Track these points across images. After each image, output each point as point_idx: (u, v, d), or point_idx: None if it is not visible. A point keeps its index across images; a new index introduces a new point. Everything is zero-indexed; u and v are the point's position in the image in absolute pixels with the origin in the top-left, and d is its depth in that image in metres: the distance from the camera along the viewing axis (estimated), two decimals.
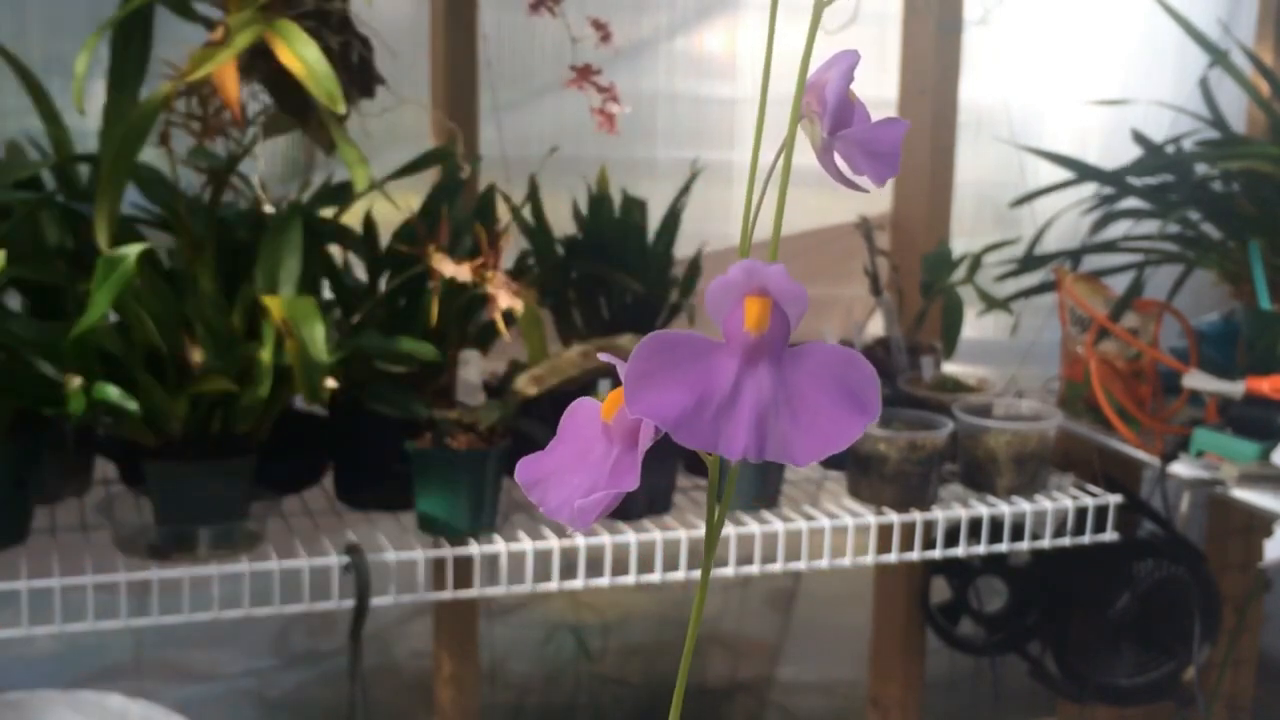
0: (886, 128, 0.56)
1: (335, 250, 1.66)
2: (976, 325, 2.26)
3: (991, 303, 2.02)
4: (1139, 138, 2.10)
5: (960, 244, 2.20)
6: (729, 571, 1.66)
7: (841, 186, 0.57)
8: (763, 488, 1.72)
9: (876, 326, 2.09)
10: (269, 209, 1.60)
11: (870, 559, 1.77)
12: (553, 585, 1.57)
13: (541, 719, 2.32)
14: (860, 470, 1.76)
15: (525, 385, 1.62)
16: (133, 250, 1.36)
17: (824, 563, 1.68)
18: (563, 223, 1.89)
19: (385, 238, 1.66)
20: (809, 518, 1.69)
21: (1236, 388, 1.77)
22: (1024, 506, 1.76)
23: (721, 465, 0.59)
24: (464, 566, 1.71)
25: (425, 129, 1.91)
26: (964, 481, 1.82)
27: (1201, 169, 2.03)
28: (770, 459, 0.49)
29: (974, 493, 1.80)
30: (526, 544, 1.55)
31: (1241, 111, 2.32)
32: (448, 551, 1.54)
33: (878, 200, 2.16)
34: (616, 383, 0.51)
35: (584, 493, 0.53)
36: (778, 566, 1.65)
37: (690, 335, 0.50)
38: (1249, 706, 2.43)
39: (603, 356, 0.55)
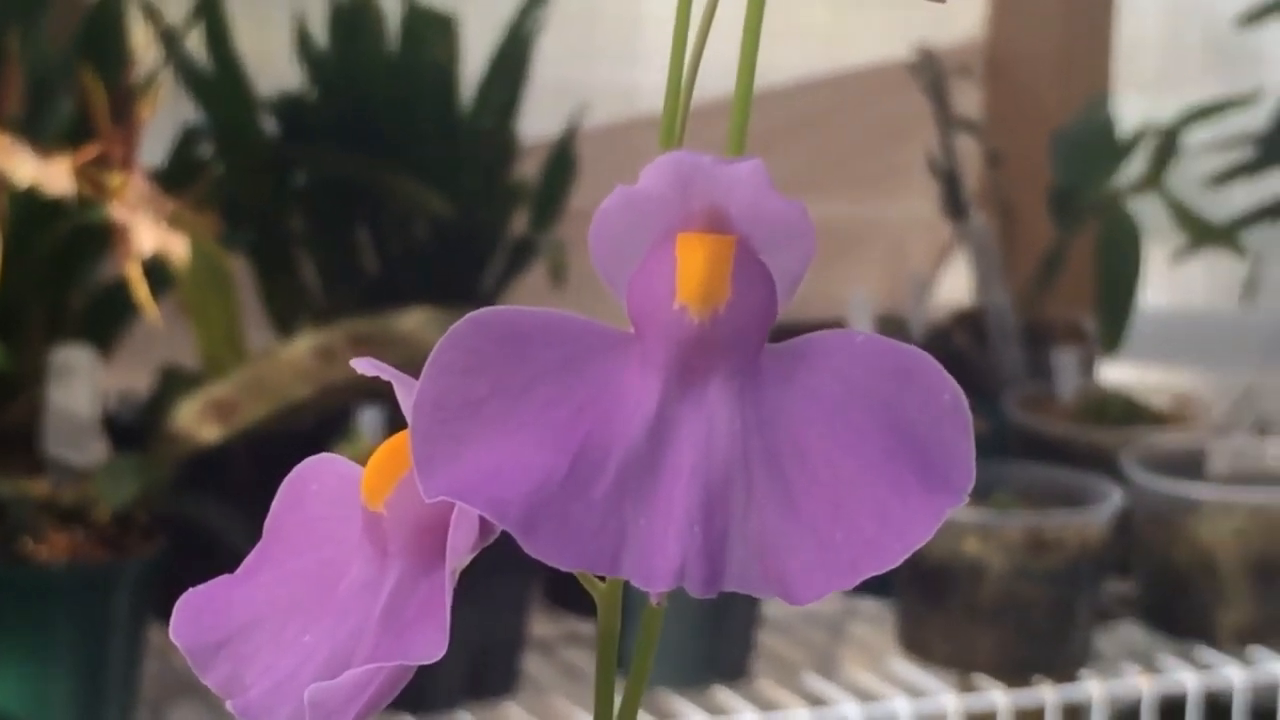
0: None
1: None
2: (1167, 280, 1.86)
3: (1202, 231, 1.64)
4: None
5: (1136, 105, 1.81)
6: None
7: None
8: (718, 643, 1.38)
9: (957, 285, 1.71)
10: None
11: None
12: None
13: None
14: (926, 596, 1.41)
15: (196, 421, 1.33)
16: None
17: None
18: (274, 65, 1.51)
19: None
20: (816, 701, 1.32)
21: None
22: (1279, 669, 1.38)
23: (628, 600, 0.38)
24: None
25: None
26: (1146, 616, 1.48)
27: None
28: (736, 589, 0.32)
29: (1168, 639, 1.45)
30: None
31: None
32: None
33: (956, 15, 1.72)
34: (397, 422, 0.33)
35: (325, 667, 0.36)
36: None
37: (556, 318, 0.34)
38: None
39: (361, 364, 0.37)
